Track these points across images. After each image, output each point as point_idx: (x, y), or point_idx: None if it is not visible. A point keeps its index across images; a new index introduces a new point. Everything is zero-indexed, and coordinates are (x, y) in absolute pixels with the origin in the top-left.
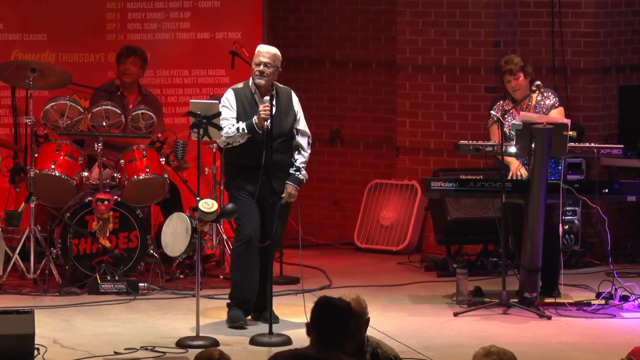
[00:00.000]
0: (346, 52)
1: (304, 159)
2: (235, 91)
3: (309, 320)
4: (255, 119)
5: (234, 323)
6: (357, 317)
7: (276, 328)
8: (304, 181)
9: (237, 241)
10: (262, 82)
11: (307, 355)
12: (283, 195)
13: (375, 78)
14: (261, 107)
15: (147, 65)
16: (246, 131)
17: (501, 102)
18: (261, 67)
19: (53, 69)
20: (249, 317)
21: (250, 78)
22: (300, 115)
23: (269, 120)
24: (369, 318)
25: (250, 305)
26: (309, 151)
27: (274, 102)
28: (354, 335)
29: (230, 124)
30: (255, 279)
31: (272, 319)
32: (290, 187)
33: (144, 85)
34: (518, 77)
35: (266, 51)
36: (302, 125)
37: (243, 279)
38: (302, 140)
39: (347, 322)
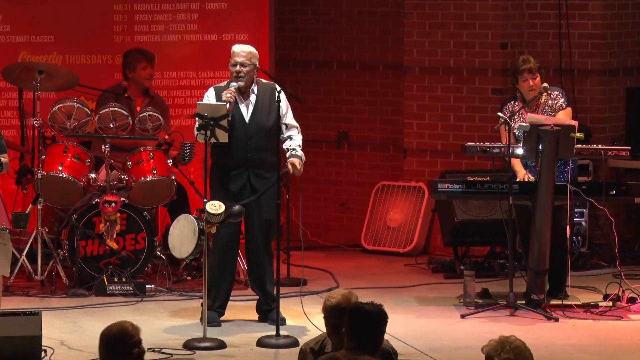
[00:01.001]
0: (353, 54)
1: (298, 142)
2: (216, 89)
3: (344, 328)
4: None
5: (208, 324)
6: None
7: (283, 330)
8: (303, 161)
9: (214, 248)
10: (240, 84)
11: (336, 358)
12: (285, 170)
13: (383, 80)
14: (224, 92)
15: (154, 67)
16: None
17: (512, 103)
18: (237, 68)
19: (60, 71)
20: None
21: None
22: (286, 110)
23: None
24: None
25: (223, 305)
26: (301, 137)
27: (251, 100)
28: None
29: None
30: (229, 280)
31: (279, 320)
32: (294, 160)
33: (151, 87)
34: (536, 77)
35: (241, 50)
36: (289, 119)
37: (219, 281)
38: (292, 131)
39: (380, 327)
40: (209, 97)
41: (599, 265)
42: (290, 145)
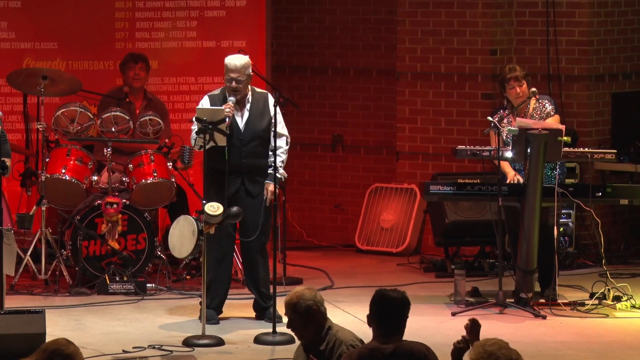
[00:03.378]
0: (347, 60)
1: (281, 159)
2: (211, 97)
3: (368, 313)
4: None
5: (208, 321)
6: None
7: (280, 327)
8: (283, 180)
9: (210, 248)
10: (236, 97)
11: (378, 349)
12: (266, 197)
13: (376, 85)
14: (223, 107)
15: (155, 72)
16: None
17: (501, 111)
18: (233, 84)
19: (63, 77)
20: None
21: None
22: (278, 118)
23: (232, 119)
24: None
25: (221, 303)
26: (286, 150)
27: (246, 107)
28: (307, 326)
29: None
30: (226, 280)
31: (275, 318)
32: (269, 186)
33: (152, 92)
34: (522, 84)
35: (234, 66)
36: (279, 127)
37: (216, 280)
38: (280, 141)
39: (404, 311)
40: (203, 104)
41: (585, 265)
42: (274, 162)
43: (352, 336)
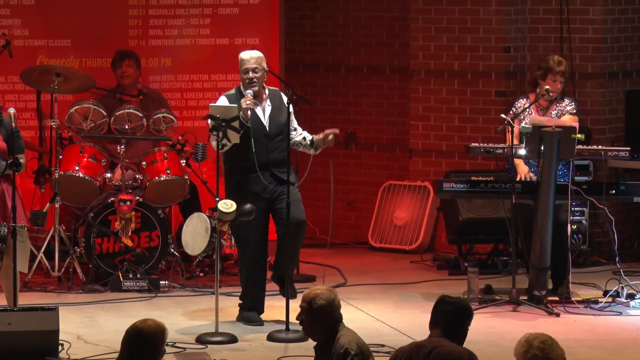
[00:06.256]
0: (361, 57)
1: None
2: (228, 97)
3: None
4: (240, 113)
5: (250, 323)
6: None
7: (293, 324)
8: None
9: (245, 250)
10: (255, 89)
11: (418, 345)
12: (327, 132)
13: (389, 83)
14: (242, 100)
15: (168, 70)
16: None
17: (522, 99)
18: (250, 75)
19: (77, 74)
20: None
21: (241, 83)
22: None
23: (251, 109)
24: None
25: (262, 303)
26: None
27: (267, 102)
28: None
29: None
30: (264, 278)
31: (288, 317)
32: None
33: (161, 90)
34: (564, 81)
35: (250, 57)
36: (296, 122)
37: (254, 281)
38: (302, 131)
39: (463, 320)
40: (221, 104)
41: (598, 263)
42: (309, 135)
43: (352, 339)
